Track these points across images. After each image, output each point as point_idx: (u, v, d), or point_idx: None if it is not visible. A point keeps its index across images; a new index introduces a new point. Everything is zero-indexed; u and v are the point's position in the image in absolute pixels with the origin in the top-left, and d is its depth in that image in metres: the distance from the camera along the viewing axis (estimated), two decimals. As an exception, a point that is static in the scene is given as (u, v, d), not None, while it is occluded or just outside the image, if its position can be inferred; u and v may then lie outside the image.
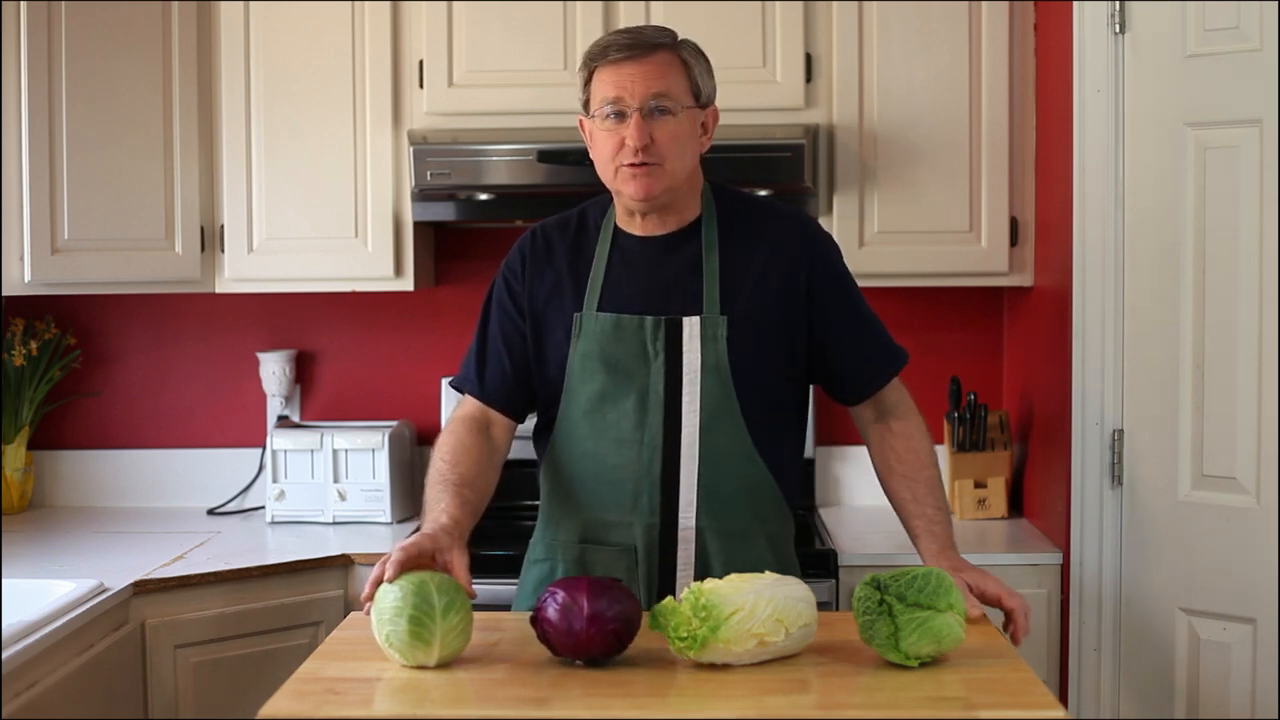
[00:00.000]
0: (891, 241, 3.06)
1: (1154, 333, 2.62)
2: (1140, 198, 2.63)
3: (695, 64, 2.09)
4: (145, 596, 2.62)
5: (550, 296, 2.15)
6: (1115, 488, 2.69)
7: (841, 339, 2.16)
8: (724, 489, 2.10)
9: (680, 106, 2.05)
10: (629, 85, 2.03)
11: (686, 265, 2.12)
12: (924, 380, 3.37)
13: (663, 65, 2.05)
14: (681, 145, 2.06)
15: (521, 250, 2.21)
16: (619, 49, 2.04)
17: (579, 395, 2.12)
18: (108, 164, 3.01)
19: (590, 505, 2.14)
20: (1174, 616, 2.63)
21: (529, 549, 2.26)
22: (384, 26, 3.10)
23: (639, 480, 2.09)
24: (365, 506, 3.21)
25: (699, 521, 2.10)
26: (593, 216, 2.21)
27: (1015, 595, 1.98)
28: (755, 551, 2.13)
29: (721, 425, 2.09)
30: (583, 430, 2.13)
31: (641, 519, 2.10)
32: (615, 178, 2.08)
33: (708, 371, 2.08)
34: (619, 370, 2.09)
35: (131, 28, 3.03)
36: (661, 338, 2.08)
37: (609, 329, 2.09)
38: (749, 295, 2.10)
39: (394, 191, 3.12)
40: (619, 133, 2.04)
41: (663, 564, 2.10)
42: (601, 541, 2.13)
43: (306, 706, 1.62)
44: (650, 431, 2.09)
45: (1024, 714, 1.59)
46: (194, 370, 3.51)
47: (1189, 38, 2.56)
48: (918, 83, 3.05)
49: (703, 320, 2.08)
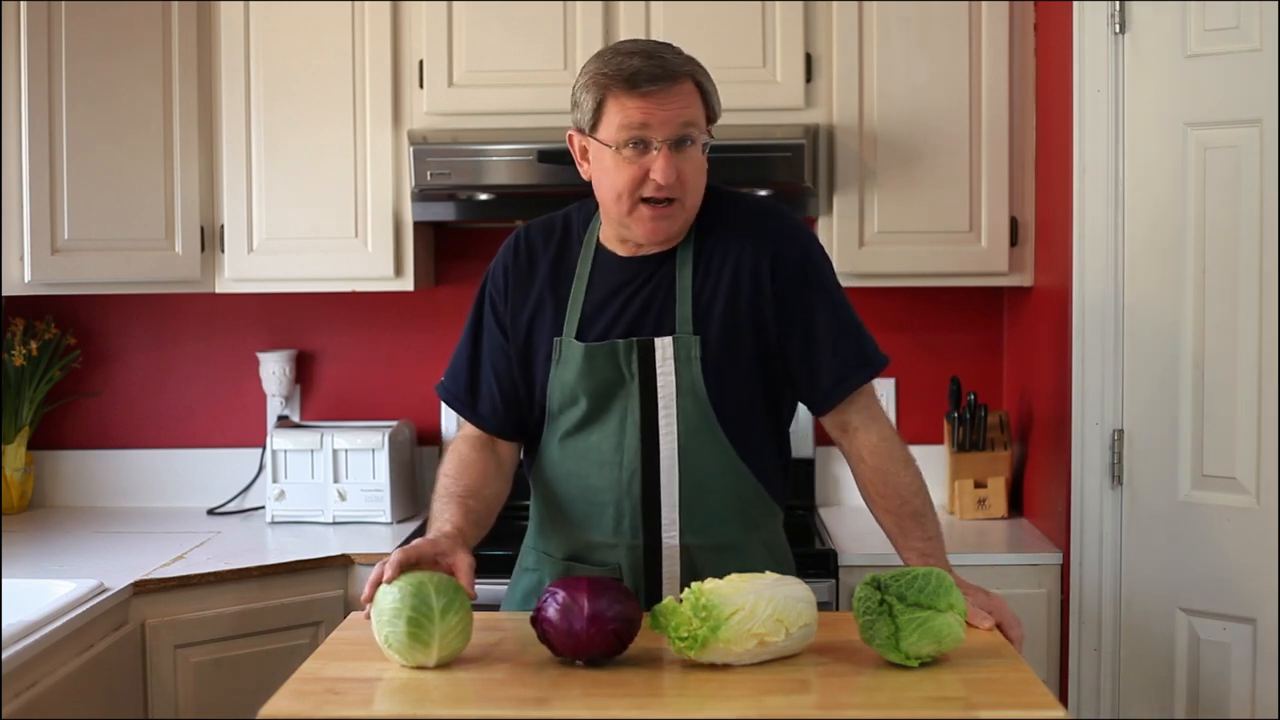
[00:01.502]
0: (891, 241, 3.06)
1: (1154, 333, 2.62)
2: (1140, 198, 2.63)
3: (710, 88, 2.01)
4: (145, 596, 2.62)
5: (533, 318, 2.11)
6: (1115, 488, 2.69)
7: (799, 341, 2.06)
8: (709, 504, 2.07)
9: (700, 135, 1.99)
10: (659, 114, 1.94)
11: (662, 283, 2.06)
12: (924, 380, 3.38)
13: (687, 95, 1.97)
14: (700, 179, 2.02)
15: (504, 263, 2.16)
16: (649, 78, 1.93)
17: (561, 418, 2.10)
18: (108, 164, 3.01)
19: (575, 525, 2.12)
20: (1174, 616, 2.63)
21: (521, 554, 2.25)
22: (384, 26, 3.10)
23: (619, 502, 2.07)
24: (365, 506, 3.21)
25: (684, 539, 2.06)
26: (576, 227, 2.15)
27: (1019, 625, 1.95)
28: (750, 559, 2.08)
29: (702, 444, 2.05)
30: (566, 451, 2.11)
31: (624, 540, 2.07)
32: (628, 214, 2.00)
33: (683, 393, 2.03)
34: (599, 394, 2.06)
35: (131, 28, 3.03)
36: (635, 360, 2.04)
37: (582, 357, 2.05)
38: (722, 309, 2.04)
39: (394, 191, 3.12)
40: (640, 164, 1.96)
41: (648, 583, 2.08)
42: (587, 560, 2.11)
43: (306, 706, 1.62)
44: (628, 454, 2.05)
45: (1024, 714, 1.59)
46: (194, 370, 3.51)
47: (1189, 38, 2.56)
48: (918, 83, 3.05)
49: (675, 341, 2.03)
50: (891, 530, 2.08)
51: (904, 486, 2.06)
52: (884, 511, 2.08)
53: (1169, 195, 2.59)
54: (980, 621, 1.90)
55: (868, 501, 2.10)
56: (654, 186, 1.96)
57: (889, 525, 2.08)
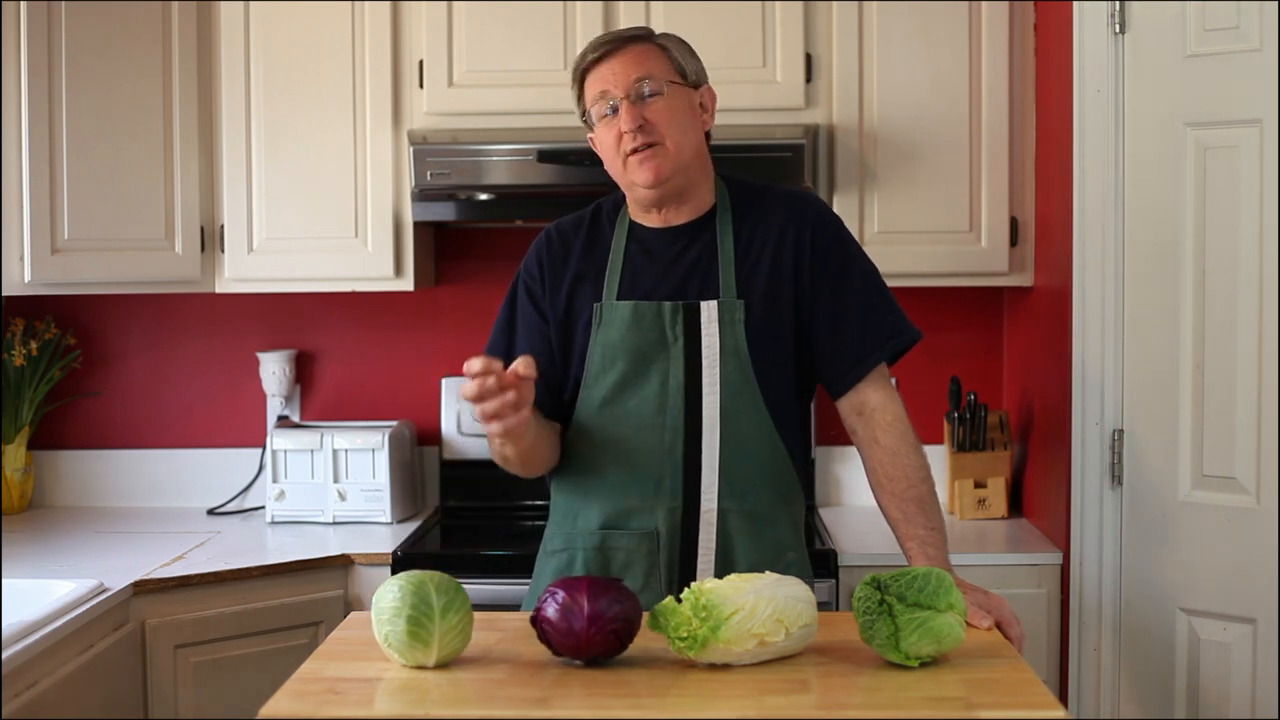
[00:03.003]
0: (891, 241, 3.06)
1: (1154, 333, 2.62)
2: (1140, 198, 2.63)
3: (674, 47, 2.15)
4: (145, 596, 2.62)
5: (572, 291, 2.17)
6: (1115, 488, 2.69)
7: (834, 311, 2.15)
8: (747, 470, 2.12)
9: (665, 84, 2.10)
10: (611, 77, 2.09)
11: (703, 253, 2.15)
12: (924, 380, 3.38)
13: (640, 53, 2.11)
14: (678, 120, 2.10)
15: (538, 254, 2.22)
16: (595, 49, 2.11)
17: (599, 384, 2.14)
18: (108, 164, 3.01)
19: (611, 492, 2.14)
20: (1174, 616, 2.63)
21: (544, 541, 2.26)
22: (384, 26, 3.11)
23: (661, 464, 2.11)
24: (365, 506, 3.21)
25: (722, 503, 2.11)
26: (606, 212, 2.23)
27: (1018, 624, 1.96)
28: (779, 531, 2.15)
29: (742, 408, 2.11)
30: (603, 419, 2.14)
31: (664, 502, 2.11)
32: (625, 170, 2.11)
33: (727, 355, 2.10)
34: (640, 356, 2.11)
35: (131, 27, 3.03)
36: (680, 322, 2.11)
37: (629, 316, 2.12)
38: (764, 279, 2.13)
39: (394, 191, 3.12)
40: (615, 125, 2.09)
41: (684, 547, 2.11)
42: (623, 527, 2.13)
43: (306, 706, 1.62)
44: (672, 415, 2.10)
45: (1024, 714, 1.59)
46: (194, 370, 3.51)
47: (1189, 38, 2.56)
48: (918, 83, 3.05)
49: (720, 304, 2.11)
50: (895, 516, 2.11)
51: (912, 469, 2.11)
52: (890, 495, 2.11)
53: (1169, 195, 2.59)
54: (980, 621, 1.90)
55: (874, 486, 2.15)
56: (628, 136, 2.08)
57: (893, 511, 2.11)
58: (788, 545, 2.16)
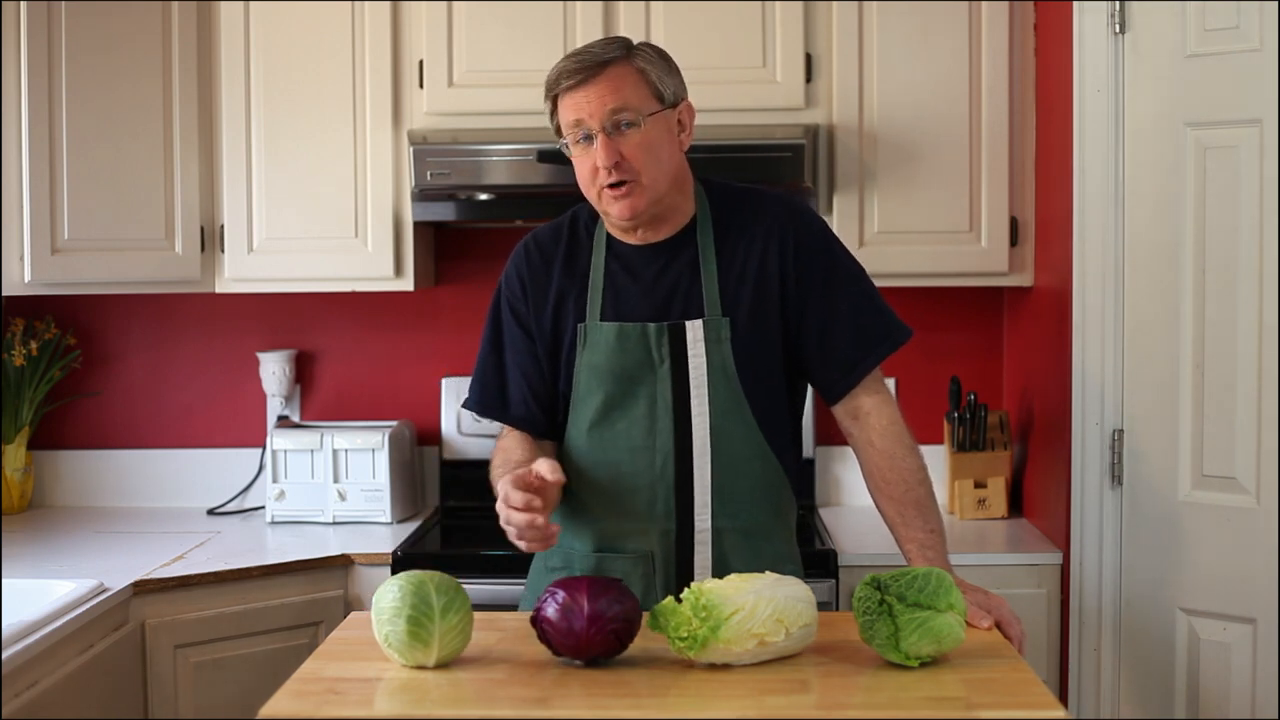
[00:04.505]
0: (891, 241, 3.06)
1: (1154, 333, 2.62)
2: (1140, 198, 2.63)
3: (651, 67, 2.05)
4: (145, 596, 2.62)
5: (557, 310, 2.14)
6: (1115, 488, 2.69)
7: (824, 318, 2.11)
8: (740, 488, 2.10)
9: (643, 115, 2.02)
10: (586, 106, 2.01)
11: (685, 269, 2.11)
12: (924, 380, 3.38)
13: (616, 80, 2.02)
14: (654, 154, 2.04)
15: (518, 269, 2.18)
16: (569, 75, 2.02)
17: (586, 407, 2.12)
18: (108, 164, 3.01)
19: (604, 514, 2.13)
20: (1174, 616, 2.63)
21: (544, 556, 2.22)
22: (384, 26, 3.11)
23: (653, 486, 2.09)
24: (365, 506, 3.21)
25: (716, 523, 2.09)
26: (584, 222, 2.19)
27: (1018, 624, 1.96)
28: (776, 545, 2.14)
29: (733, 425, 2.09)
30: (592, 441, 2.12)
31: (657, 524, 2.10)
32: (599, 200, 2.07)
33: (714, 373, 2.08)
34: (626, 379, 2.09)
35: (131, 27, 3.03)
36: (666, 343, 2.08)
37: (613, 339, 2.09)
38: (750, 291, 2.09)
39: (394, 191, 3.12)
40: (590, 157, 2.03)
41: (680, 568, 2.10)
42: (618, 550, 2.12)
43: (306, 706, 1.62)
44: (661, 437, 2.08)
45: (1024, 714, 1.59)
46: (194, 370, 3.51)
47: (1189, 38, 2.56)
48: (918, 83, 3.05)
49: (705, 323, 2.08)
50: (893, 519, 2.10)
51: (909, 472, 2.09)
52: (888, 499, 2.10)
53: (1169, 195, 2.59)
54: (980, 621, 1.90)
55: (872, 490, 2.13)
56: (604, 173, 2.02)
57: (891, 514, 2.10)
58: (785, 558, 2.15)
